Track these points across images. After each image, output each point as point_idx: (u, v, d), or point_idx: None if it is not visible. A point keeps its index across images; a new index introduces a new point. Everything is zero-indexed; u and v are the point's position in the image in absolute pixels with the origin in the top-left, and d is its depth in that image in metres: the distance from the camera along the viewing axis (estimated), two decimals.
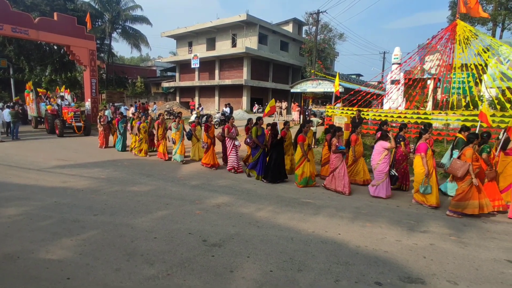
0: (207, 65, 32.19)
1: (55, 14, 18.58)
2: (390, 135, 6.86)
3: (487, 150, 6.05)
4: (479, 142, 5.97)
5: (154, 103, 26.58)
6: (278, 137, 7.88)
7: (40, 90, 19.42)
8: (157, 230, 4.53)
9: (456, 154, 6.84)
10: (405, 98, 13.06)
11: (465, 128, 6.93)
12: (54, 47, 27.66)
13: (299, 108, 19.94)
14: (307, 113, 19.90)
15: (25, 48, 26.10)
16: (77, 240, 4.14)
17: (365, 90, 13.20)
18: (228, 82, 30.30)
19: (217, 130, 10.88)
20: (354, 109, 11.48)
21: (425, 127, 6.59)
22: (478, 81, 12.23)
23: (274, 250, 4.00)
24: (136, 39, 35.12)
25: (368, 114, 11.70)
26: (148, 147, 11.43)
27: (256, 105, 29.55)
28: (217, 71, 32.09)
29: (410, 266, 3.71)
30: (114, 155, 11.21)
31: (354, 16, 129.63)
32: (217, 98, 32.45)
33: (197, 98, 33.78)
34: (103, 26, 32.98)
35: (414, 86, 12.65)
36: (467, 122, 9.46)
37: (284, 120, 11.48)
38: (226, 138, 8.91)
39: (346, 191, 6.88)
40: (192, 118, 18.71)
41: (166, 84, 37.41)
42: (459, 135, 6.85)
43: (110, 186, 6.98)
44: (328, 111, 13.32)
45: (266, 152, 8.18)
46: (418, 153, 6.16)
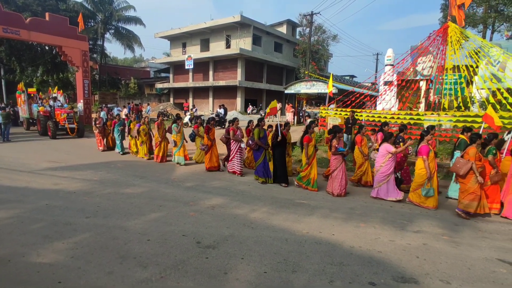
0: (201, 66, 32.13)
1: (47, 14, 18.37)
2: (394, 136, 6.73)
3: (493, 152, 5.97)
4: (483, 143, 5.95)
5: (148, 104, 26.46)
6: (279, 138, 7.68)
7: (30, 90, 19.05)
8: (150, 232, 4.49)
9: (457, 155, 6.87)
10: (398, 99, 13.18)
11: (467, 129, 6.91)
12: (46, 48, 27.35)
13: (293, 109, 20.01)
14: (301, 114, 19.99)
15: (16, 48, 25.76)
16: (69, 243, 4.08)
17: (358, 91, 13.29)
18: (222, 83, 30.27)
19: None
20: (348, 110, 11.56)
21: (427, 129, 6.50)
22: (469, 82, 12.39)
23: (268, 251, 3.99)
24: (129, 40, 34.94)
25: (361, 115, 11.79)
26: (148, 149, 11.02)
27: (250, 106, 29.56)
28: (211, 72, 32.04)
29: (404, 266, 3.73)
30: (107, 157, 11.10)
31: (348, 17, 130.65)
32: (211, 99, 32.39)
33: (191, 99, 33.70)
34: (96, 26, 32.76)
35: (407, 87, 12.78)
36: (459, 123, 9.59)
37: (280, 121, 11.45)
38: (232, 141, 8.68)
39: (335, 192, 6.81)
40: (185, 119, 18.62)
41: (159, 85, 37.23)
42: (462, 136, 6.84)
43: (103, 188, 6.90)
44: (322, 112, 13.39)
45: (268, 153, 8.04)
46: (420, 155, 6.07)
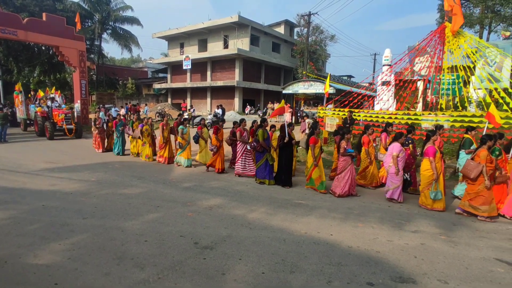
0: (199, 66, 32.08)
1: (44, 14, 18.30)
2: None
3: (496, 153, 5.91)
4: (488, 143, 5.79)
5: (146, 105, 26.39)
6: (286, 139, 7.54)
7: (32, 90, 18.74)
8: (148, 233, 4.47)
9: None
10: (395, 100, 13.21)
11: (471, 128, 6.90)
12: (43, 48, 27.24)
13: (291, 109, 20.00)
14: (299, 114, 20.00)
15: (13, 49, 25.63)
16: (65, 244, 4.06)
17: (356, 92, 13.31)
18: (220, 83, 30.23)
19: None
20: (346, 110, 11.57)
21: (435, 129, 6.42)
22: (467, 82, 12.44)
23: (266, 252, 3.98)
24: (126, 40, 34.86)
25: (359, 115, 11.80)
26: (152, 151, 10.71)
27: (248, 106, 29.53)
28: (209, 73, 32.00)
29: (402, 266, 3.74)
30: (105, 158, 11.06)
31: (345, 18, 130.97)
32: (209, 99, 32.35)
33: (188, 100, 33.63)
34: (93, 26, 32.66)
35: (404, 88, 12.81)
36: (456, 123, 9.62)
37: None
38: (238, 142, 8.59)
39: (337, 192, 6.77)
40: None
41: (157, 85, 37.13)
42: (466, 136, 6.84)
43: (100, 189, 6.87)
44: (320, 112, 13.39)
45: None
46: (427, 156, 5.95)
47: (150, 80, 42.83)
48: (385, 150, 7.38)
